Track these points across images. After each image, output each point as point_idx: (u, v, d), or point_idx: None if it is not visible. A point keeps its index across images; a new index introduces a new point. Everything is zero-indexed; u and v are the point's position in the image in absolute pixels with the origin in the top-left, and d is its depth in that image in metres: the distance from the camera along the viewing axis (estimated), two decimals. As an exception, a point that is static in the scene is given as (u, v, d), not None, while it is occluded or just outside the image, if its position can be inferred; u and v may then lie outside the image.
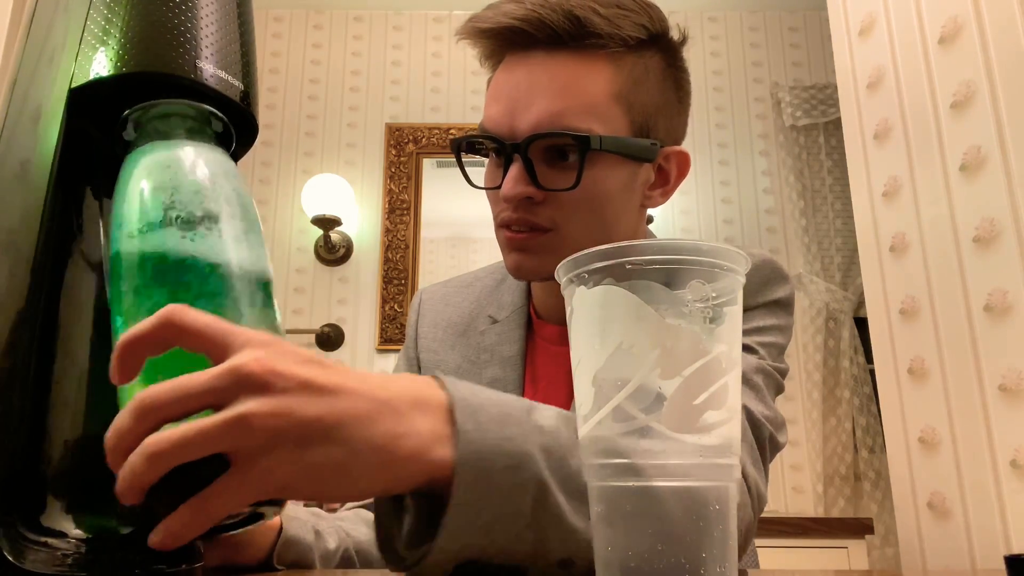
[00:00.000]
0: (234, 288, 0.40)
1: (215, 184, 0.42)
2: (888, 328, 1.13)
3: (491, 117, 0.71)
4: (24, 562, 0.39)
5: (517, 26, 0.69)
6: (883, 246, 1.15)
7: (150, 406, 0.34)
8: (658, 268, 0.37)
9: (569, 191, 0.68)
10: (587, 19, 0.68)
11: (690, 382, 0.36)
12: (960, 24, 0.99)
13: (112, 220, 0.41)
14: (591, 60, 0.69)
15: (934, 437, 1.01)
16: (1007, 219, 0.90)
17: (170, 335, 0.35)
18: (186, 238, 0.39)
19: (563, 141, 0.68)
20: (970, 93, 0.97)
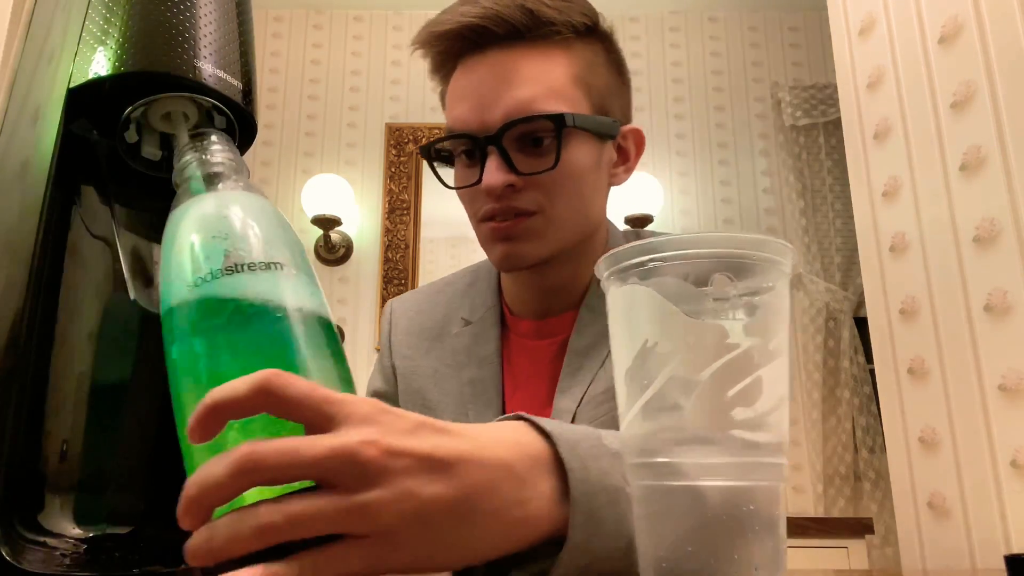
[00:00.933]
0: (304, 334, 0.38)
1: (271, 230, 0.42)
2: (888, 328, 1.13)
3: (459, 117, 0.73)
4: (23, 562, 0.39)
5: (477, 23, 0.72)
6: (883, 246, 1.15)
7: (254, 466, 0.32)
8: (681, 264, 0.36)
9: (549, 172, 0.71)
10: (539, 10, 0.72)
11: (717, 378, 0.35)
12: (960, 24, 0.99)
13: (165, 272, 0.40)
14: (547, 49, 0.73)
15: (934, 437, 1.01)
16: (1007, 219, 0.90)
17: (266, 402, 0.33)
18: (251, 285, 0.38)
19: (538, 124, 0.71)
20: (970, 93, 0.97)
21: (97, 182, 0.49)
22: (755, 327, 0.36)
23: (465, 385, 0.82)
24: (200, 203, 0.42)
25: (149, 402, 0.51)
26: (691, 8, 3.20)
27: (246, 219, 0.41)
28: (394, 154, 3.02)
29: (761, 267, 0.36)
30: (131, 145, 0.48)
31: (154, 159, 0.49)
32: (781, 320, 0.36)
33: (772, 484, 0.36)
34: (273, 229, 0.41)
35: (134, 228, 0.48)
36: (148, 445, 0.50)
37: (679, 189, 3.01)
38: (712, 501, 0.35)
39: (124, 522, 0.47)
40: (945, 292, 1.00)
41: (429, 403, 0.84)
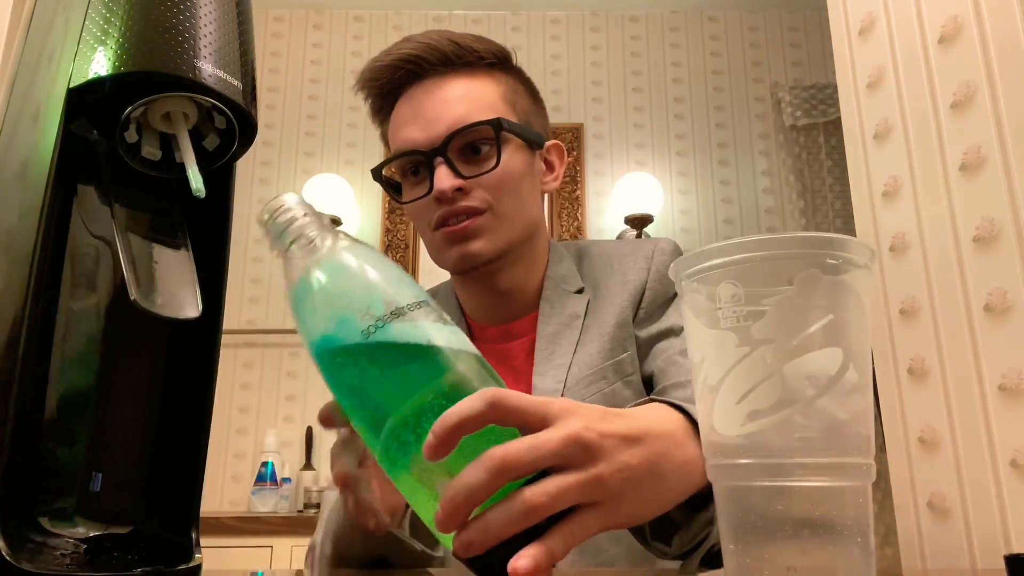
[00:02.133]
0: (464, 363, 0.43)
1: (400, 272, 0.46)
2: (888, 328, 1.13)
3: (407, 138, 0.82)
4: (23, 562, 0.39)
5: (414, 54, 0.83)
6: (883, 246, 1.15)
7: (509, 465, 0.39)
8: (699, 277, 0.39)
9: (492, 172, 0.80)
10: (464, 42, 0.84)
11: (730, 384, 0.37)
12: (960, 24, 0.99)
13: (324, 325, 0.43)
14: (474, 74, 0.84)
15: (934, 437, 1.01)
16: (1007, 219, 0.90)
17: (496, 415, 0.41)
18: (412, 324, 0.43)
19: (478, 131, 0.80)
20: (970, 93, 0.97)
21: (97, 182, 0.49)
22: (765, 329, 0.36)
23: None
24: (337, 260, 0.44)
25: (149, 402, 0.51)
26: (691, 8, 3.20)
27: (382, 268, 0.45)
28: (394, 154, 3.02)
29: (763, 266, 0.37)
30: (131, 145, 0.48)
31: (154, 159, 0.49)
32: (798, 317, 0.36)
33: (820, 483, 0.36)
34: (399, 271, 0.46)
35: (134, 228, 0.48)
36: (148, 445, 0.50)
37: (679, 189, 3.01)
38: (739, 501, 0.38)
39: (124, 522, 0.47)
40: (945, 292, 1.00)
41: None
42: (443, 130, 0.80)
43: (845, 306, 0.37)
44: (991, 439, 0.91)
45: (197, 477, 0.49)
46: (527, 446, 0.41)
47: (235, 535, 2.17)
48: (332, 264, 0.44)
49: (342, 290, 0.44)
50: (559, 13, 3.21)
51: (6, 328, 0.42)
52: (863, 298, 0.38)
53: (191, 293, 0.48)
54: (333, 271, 0.44)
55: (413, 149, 0.81)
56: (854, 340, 0.37)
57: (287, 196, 0.47)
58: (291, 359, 2.82)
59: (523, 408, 0.42)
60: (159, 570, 0.44)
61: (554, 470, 0.42)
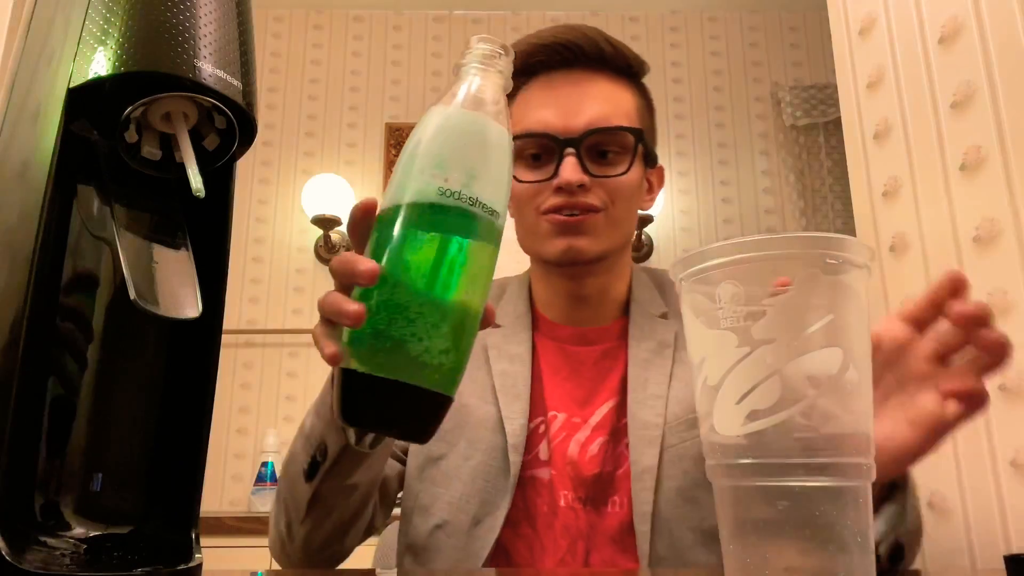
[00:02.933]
0: None
1: (504, 175, 0.50)
2: (888, 328, 1.13)
3: (541, 120, 0.82)
4: (23, 562, 0.39)
5: (574, 42, 0.84)
6: (883, 246, 1.15)
7: None
8: (692, 276, 0.40)
9: (617, 177, 0.82)
10: (618, 46, 0.86)
11: (730, 385, 0.37)
12: (960, 24, 0.99)
13: (420, 165, 0.46)
14: (618, 80, 0.86)
15: (934, 437, 1.01)
16: (1007, 219, 0.90)
17: None
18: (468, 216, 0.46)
19: (617, 135, 0.82)
20: (970, 93, 0.97)
21: (97, 182, 0.49)
22: (768, 328, 0.36)
23: (496, 376, 0.87)
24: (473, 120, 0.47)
25: (149, 402, 0.51)
26: (691, 8, 3.20)
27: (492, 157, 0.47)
28: (394, 154, 3.02)
29: (763, 265, 0.37)
30: (131, 145, 0.48)
31: (154, 159, 0.49)
32: (801, 316, 0.36)
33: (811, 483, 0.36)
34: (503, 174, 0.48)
35: (134, 228, 0.48)
36: (148, 445, 0.50)
37: (679, 189, 3.01)
38: (734, 502, 0.38)
39: (124, 522, 0.47)
40: (945, 292, 1.00)
41: None
42: (583, 123, 0.81)
43: (845, 306, 0.37)
44: (991, 439, 0.91)
45: (197, 477, 0.49)
46: None
47: (235, 535, 2.17)
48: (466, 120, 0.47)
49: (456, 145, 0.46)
50: (559, 13, 3.21)
51: (6, 328, 0.42)
52: (863, 298, 0.38)
53: (191, 293, 0.48)
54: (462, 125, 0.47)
55: (546, 133, 0.82)
56: (854, 340, 0.37)
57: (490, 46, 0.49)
58: (291, 359, 2.82)
59: None
60: (159, 570, 0.44)
61: None
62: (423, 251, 0.44)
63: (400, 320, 0.43)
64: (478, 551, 0.78)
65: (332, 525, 0.75)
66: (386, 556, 1.15)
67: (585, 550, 0.79)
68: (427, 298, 0.43)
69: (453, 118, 0.47)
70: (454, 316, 0.44)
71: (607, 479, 0.81)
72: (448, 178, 0.44)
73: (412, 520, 0.85)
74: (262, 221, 2.96)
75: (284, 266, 2.90)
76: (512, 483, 0.80)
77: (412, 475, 0.87)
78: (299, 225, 2.94)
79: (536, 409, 0.85)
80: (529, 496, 0.82)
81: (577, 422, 0.84)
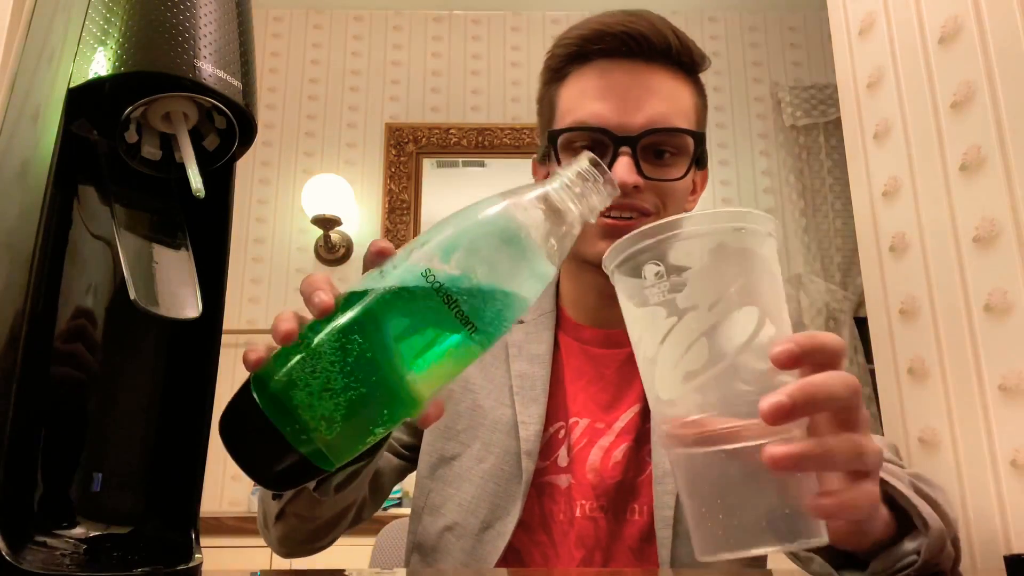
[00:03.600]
0: None
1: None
2: (888, 328, 1.13)
3: (595, 113, 0.78)
4: (23, 562, 0.39)
5: (641, 32, 0.78)
6: (883, 246, 1.15)
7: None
8: (622, 264, 0.43)
9: (673, 182, 0.78)
10: (684, 41, 0.81)
11: (665, 353, 0.41)
12: (960, 24, 0.99)
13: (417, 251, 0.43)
14: (679, 76, 0.81)
15: (934, 437, 1.01)
16: (1007, 219, 0.90)
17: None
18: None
19: (676, 137, 0.78)
20: (970, 93, 0.97)
21: (97, 182, 0.49)
22: (690, 296, 0.41)
23: (514, 377, 0.84)
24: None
25: (149, 402, 0.51)
26: (691, 8, 3.20)
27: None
28: (394, 154, 3.02)
29: (676, 243, 0.41)
30: (131, 145, 0.48)
31: (154, 159, 0.49)
32: (716, 281, 0.41)
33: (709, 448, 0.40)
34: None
35: (134, 228, 0.48)
36: (148, 445, 0.50)
37: (679, 189, 3.01)
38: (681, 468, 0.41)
39: (124, 522, 0.47)
40: (945, 292, 1.00)
41: (472, 386, 0.86)
42: (641, 121, 0.77)
43: (754, 269, 0.41)
44: (991, 439, 0.91)
45: (197, 477, 0.49)
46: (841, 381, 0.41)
47: (235, 535, 2.17)
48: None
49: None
50: (559, 13, 3.21)
51: (6, 328, 0.42)
52: (771, 262, 0.42)
53: (191, 293, 0.48)
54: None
55: (601, 127, 0.77)
56: (768, 299, 0.41)
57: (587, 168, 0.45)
58: (291, 359, 2.82)
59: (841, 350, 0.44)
60: (159, 570, 0.44)
61: None
62: (371, 320, 0.40)
63: (309, 367, 0.40)
64: (487, 556, 0.77)
65: (305, 533, 0.74)
66: (384, 556, 1.15)
67: (603, 561, 0.77)
68: (344, 364, 0.39)
69: (494, 214, 0.42)
70: (361, 397, 0.40)
71: (628, 485, 0.79)
72: (439, 269, 0.40)
73: (422, 519, 0.84)
74: (262, 221, 2.96)
75: (284, 266, 2.90)
76: (524, 490, 0.78)
77: (423, 473, 0.85)
78: (299, 225, 2.94)
79: (557, 414, 0.83)
80: (545, 503, 0.80)
81: (601, 427, 0.81)
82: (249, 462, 0.43)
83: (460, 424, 0.84)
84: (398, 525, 1.17)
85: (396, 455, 0.90)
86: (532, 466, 0.79)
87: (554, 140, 0.80)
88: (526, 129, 3.05)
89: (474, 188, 3.02)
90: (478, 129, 3.05)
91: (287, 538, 0.75)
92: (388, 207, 2.95)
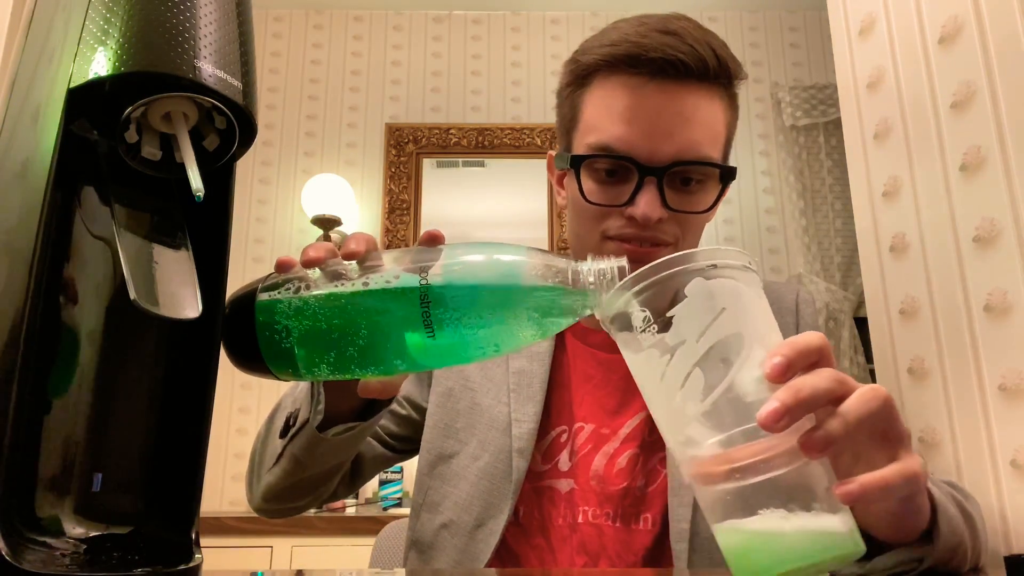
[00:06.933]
0: None
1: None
2: (888, 328, 1.13)
3: (624, 138, 0.73)
4: (23, 562, 0.39)
5: (681, 59, 0.72)
6: (883, 246, 1.15)
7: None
8: (614, 320, 0.46)
9: (698, 214, 0.76)
10: (724, 60, 0.75)
11: (666, 391, 0.43)
12: (960, 24, 0.99)
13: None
14: (713, 95, 0.76)
15: (934, 437, 1.01)
16: (1007, 219, 0.90)
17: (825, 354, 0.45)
18: None
19: (704, 170, 0.75)
20: (970, 93, 0.97)
21: (97, 182, 0.49)
22: (677, 334, 0.43)
23: (511, 374, 0.84)
24: None
25: (149, 402, 0.51)
26: (691, 8, 3.20)
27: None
28: (394, 154, 3.02)
29: (653, 285, 0.44)
30: (131, 145, 0.48)
31: (154, 159, 0.49)
32: (704, 314, 0.43)
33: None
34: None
35: (134, 228, 0.48)
36: (148, 445, 0.50)
37: (679, 189, 3.01)
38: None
39: (124, 522, 0.47)
40: (945, 292, 1.00)
41: (471, 384, 0.86)
42: (671, 151, 0.73)
43: (736, 299, 0.43)
44: (991, 439, 0.91)
45: (197, 477, 0.49)
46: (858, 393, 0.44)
47: (235, 535, 2.17)
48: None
49: None
50: (559, 13, 3.21)
51: (6, 328, 0.42)
52: (751, 290, 0.44)
53: (191, 293, 0.48)
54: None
55: (627, 156, 0.73)
56: (753, 324, 0.43)
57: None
58: (291, 359, 2.82)
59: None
60: (159, 570, 0.44)
61: None
62: (367, 293, 0.48)
63: (311, 311, 0.48)
64: (478, 554, 0.77)
65: (292, 484, 0.75)
66: (383, 557, 1.15)
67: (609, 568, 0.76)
68: (330, 309, 0.48)
69: (509, 260, 0.48)
70: (332, 341, 0.48)
71: (638, 495, 0.78)
72: (434, 275, 0.47)
73: (420, 516, 0.84)
74: (262, 221, 2.96)
75: (284, 266, 2.91)
76: (514, 488, 0.78)
77: (423, 470, 0.86)
78: (299, 225, 2.94)
79: (561, 417, 0.82)
80: (545, 507, 0.79)
81: (606, 433, 0.80)
82: (234, 354, 0.53)
83: (459, 422, 0.85)
84: (398, 525, 1.17)
85: (381, 443, 0.90)
86: (524, 465, 0.78)
87: (577, 164, 0.77)
88: (526, 129, 3.05)
89: (474, 188, 3.02)
90: (478, 129, 3.05)
91: (274, 488, 0.76)
92: (388, 207, 2.95)
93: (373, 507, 2.52)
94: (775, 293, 0.90)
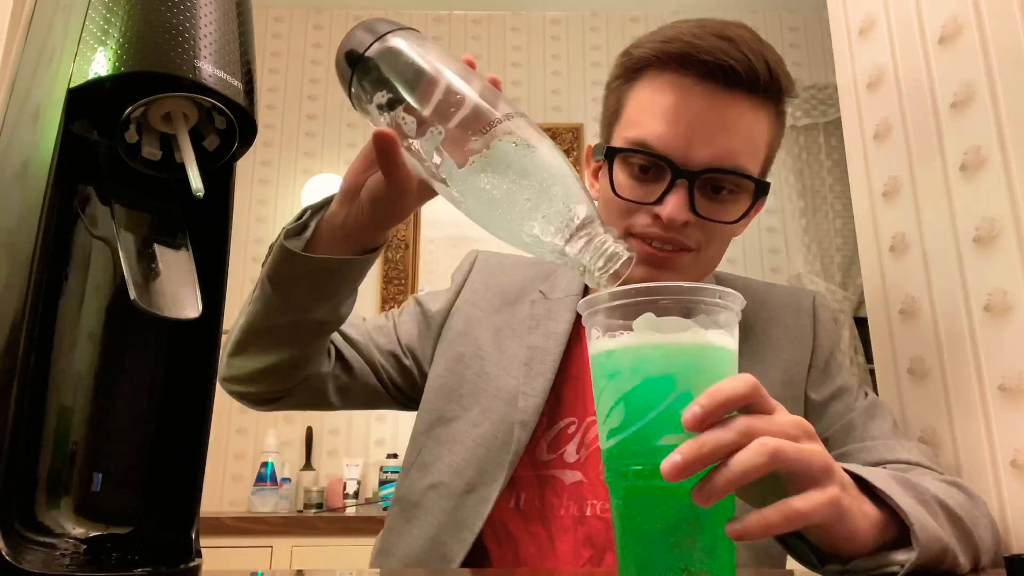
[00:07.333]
0: None
1: None
2: (888, 328, 1.13)
3: (662, 137, 0.73)
4: (23, 562, 0.39)
5: (732, 66, 0.72)
6: (883, 246, 1.15)
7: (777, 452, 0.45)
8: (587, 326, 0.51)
9: (725, 224, 0.76)
10: (775, 72, 0.76)
11: (599, 409, 0.49)
12: (960, 24, 0.99)
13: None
14: (759, 106, 0.76)
15: (934, 437, 1.01)
16: (1007, 219, 0.90)
17: (756, 397, 0.47)
18: None
19: (738, 180, 0.74)
20: (970, 93, 0.97)
21: (97, 182, 0.49)
22: (616, 363, 0.48)
23: (525, 348, 0.84)
24: None
25: (149, 402, 0.51)
26: (691, 8, 3.19)
27: None
28: (394, 154, 3.02)
29: (619, 310, 0.47)
30: (131, 145, 0.48)
31: (154, 159, 0.49)
32: (643, 349, 0.47)
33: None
34: None
35: (134, 228, 0.48)
36: (148, 445, 0.50)
37: (679, 189, 3.01)
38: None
39: (124, 522, 0.47)
40: (945, 292, 1.00)
41: (482, 353, 0.87)
42: (706, 156, 0.72)
43: (676, 337, 0.46)
44: (991, 439, 0.91)
45: (197, 477, 0.49)
46: (796, 448, 0.46)
47: (235, 535, 2.17)
48: None
49: None
50: (559, 13, 3.21)
51: (6, 328, 0.42)
52: (708, 335, 0.47)
53: (191, 293, 0.48)
54: None
55: (663, 155, 0.73)
56: (685, 365, 0.46)
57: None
58: (291, 359, 2.82)
59: (770, 400, 0.48)
60: (159, 570, 0.44)
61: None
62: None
63: None
64: (467, 520, 0.77)
65: (264, 327, 0.75)
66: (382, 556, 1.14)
67: (614, 563, 0.75)
68: None
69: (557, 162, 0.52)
70: None
71: None
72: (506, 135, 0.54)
73: (409, 474, 0.85)
74: (262, 221, 2.96)
75: (284, 266, 2.91)
76: (512, 459, 0.78)
77: (420, 430, 0.86)
78: (299, 225, 2.94)
79: (574, 409, 0.82)
80: (547, 495, 0.79)
81: None
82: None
83: (464, 388, 0.85)
84: (398, 525, 1.17)
85: (378, 379, 0.90)
86: (526, 437, 0.79)
87: (611, 156, 0.77)
88: (526, 129, 3.05)
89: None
90: (478, 129, 3.04)
91: (246, 332, 0.75)
92: (388, 207, 2.95)
93: (373, 507, 2.52)
94: (792, 296, 0.90)
